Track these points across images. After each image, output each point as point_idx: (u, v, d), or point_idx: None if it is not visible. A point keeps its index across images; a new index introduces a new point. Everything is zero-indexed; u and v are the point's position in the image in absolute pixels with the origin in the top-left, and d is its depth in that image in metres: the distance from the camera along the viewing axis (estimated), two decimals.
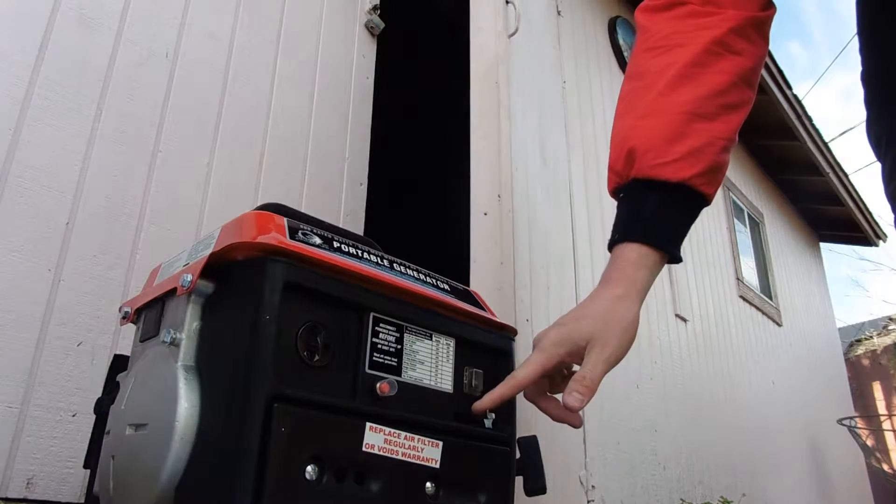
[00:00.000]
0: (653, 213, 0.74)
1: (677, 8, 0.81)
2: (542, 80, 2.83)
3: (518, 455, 0.98)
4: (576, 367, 0.76)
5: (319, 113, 2.06)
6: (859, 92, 0.82)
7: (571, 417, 0.74)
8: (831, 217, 6.46)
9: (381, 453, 0.79)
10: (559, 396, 0.75)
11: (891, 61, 0.75)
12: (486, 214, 1.96)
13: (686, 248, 3.92)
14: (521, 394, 0.82)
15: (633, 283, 0.73)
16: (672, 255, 0.76)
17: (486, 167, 2.03)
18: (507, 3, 2.29)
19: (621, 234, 0.75)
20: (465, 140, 2.13)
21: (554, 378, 0.79)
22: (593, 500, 2.45)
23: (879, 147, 0.77)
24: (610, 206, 2.99)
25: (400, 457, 0.81)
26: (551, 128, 2.82)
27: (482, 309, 1.02)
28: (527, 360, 0.72)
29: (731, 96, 0.77)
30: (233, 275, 0.81)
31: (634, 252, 0.73)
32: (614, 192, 0.81)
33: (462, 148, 2.22)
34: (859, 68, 0.81)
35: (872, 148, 0.79)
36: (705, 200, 0.77)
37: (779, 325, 5.17)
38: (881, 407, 8.41)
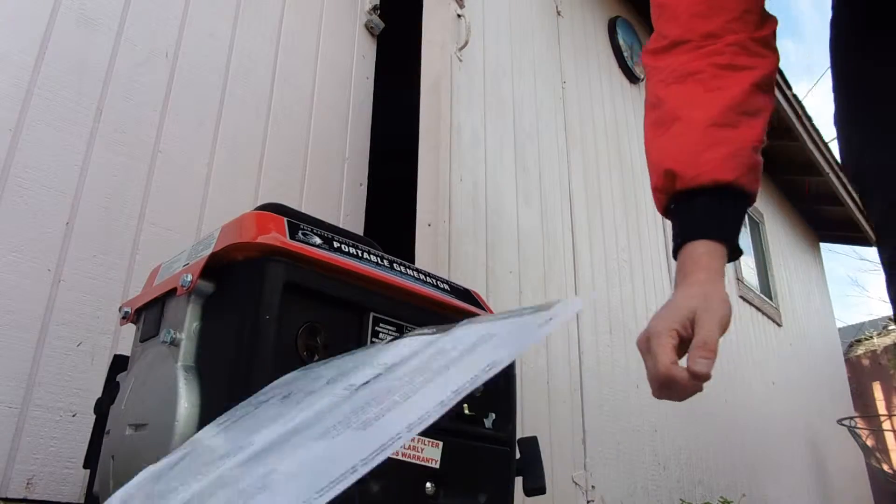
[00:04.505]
0: (705, 212, 0.79)
1: (680, 46, 0.85)
2: (527, 85, 2.83)
3: (518, 455, 0.98)
4: None
5: (319, 113, 2.06)
6: None
7: (698, 383, 0.72)
8: (831, 217, 6.45)
9: None
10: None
11: (870, 102, 0.76)
12: (429, 225, 1.99)
13: None
14: (521, 394, 0.82)
15: (710, 269, 0.76)
16: (733, 246, 0.79)
17: (428, 180, 2.06)
18: (459, 16, 2.30)
19: (683, 238, 0.79)
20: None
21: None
22: (593, 500, 2.45)
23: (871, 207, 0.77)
24: (610, 202, 3.01)
25: (400, 457, 0.81)
26: (541, 130, 2.83)
27: (482, 309, 1.02)
28: (652, 352, 0.73)
29: (748, 105, 0.81)
30: (233, 275, 0.81)
31: (701, 247, 0.77)
32: (665, 211, 0.85)
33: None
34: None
35: (862, 199, 0.79)
36: (750, 197, 0.81)
37: (779, 325, 5.17)
38: (881, 407, 8.41)
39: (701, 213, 0.78)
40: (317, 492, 0.41)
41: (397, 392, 0.48)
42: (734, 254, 0.79)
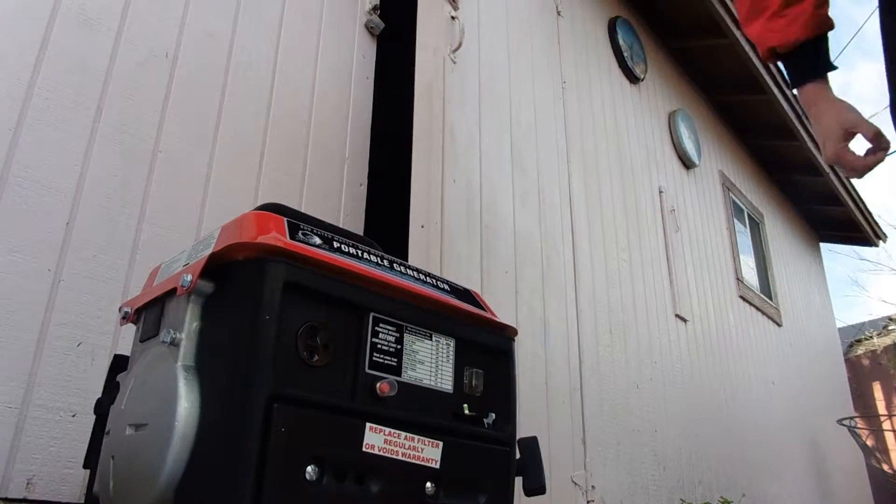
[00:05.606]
0: (804, 63, 1.23)
1: None
2: (525, 85, 2.83)
3: (518, 455, 0.98)
4: None
5: (319, 113, 2.06)
6: (856, 90, 0.86)
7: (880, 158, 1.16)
8: (831, 217, 6.45)
9: (381, 453, 0.79)
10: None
11: None
12: (422, 227, 2.01)
13: (686, 247, 3.92)
14: (521, 394, 0.82)
15: (826, 95, 1.21)
16: (830, 70, 1.23)
17: (421, 181, 2.07)
18: (453, 18, 2.31)
19: (797, 84, 1.25)
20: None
21: None
22: (593, 501, 2.45)
23: None
24: (610, 201, 3.01)
25: (400, 457, 0.81)
26: (539, 131, 2.83)
27: (482, 309, 1.02)
28: (846, 162, 1.16)
29: None
30: (233, 275, 0.81)
31: (811, 87, 1.21)
32: (779, 63, 1.28)
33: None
34: (860, 70, 0.92)
35: None
36: (827, 32, 1.22)
37: (779, 325, 5.17)
38: (881, 407, 8.40)
39: (802, 64, 1.23)
40: None
41: None
42: (833, 71, 1.22)
